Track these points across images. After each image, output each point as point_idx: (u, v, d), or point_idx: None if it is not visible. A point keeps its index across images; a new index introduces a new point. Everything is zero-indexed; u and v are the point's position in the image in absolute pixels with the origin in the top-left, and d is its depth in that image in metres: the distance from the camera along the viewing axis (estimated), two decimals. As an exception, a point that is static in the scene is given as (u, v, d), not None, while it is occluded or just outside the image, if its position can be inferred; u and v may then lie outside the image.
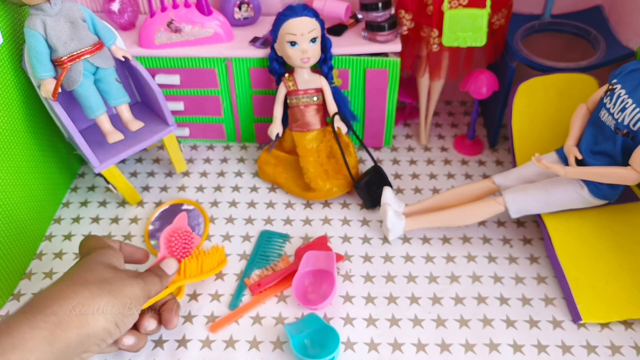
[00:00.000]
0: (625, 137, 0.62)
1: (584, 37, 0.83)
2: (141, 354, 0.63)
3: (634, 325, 0.64)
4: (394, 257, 0.73)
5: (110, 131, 0.74)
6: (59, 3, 0.66)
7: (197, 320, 0.66)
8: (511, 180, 0.73)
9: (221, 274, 0.71)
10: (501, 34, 0.80)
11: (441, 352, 0.62)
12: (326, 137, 0.81)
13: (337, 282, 0.67)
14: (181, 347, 0.64)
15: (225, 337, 0.65)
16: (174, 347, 0.64)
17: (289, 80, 0.78)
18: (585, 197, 0.67)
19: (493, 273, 0.71)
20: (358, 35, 0.81)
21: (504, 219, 0.77)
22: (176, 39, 0.79)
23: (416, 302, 0.68)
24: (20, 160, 0.72)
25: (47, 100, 0.70)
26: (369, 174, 0.80)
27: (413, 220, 0.73)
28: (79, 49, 0.68)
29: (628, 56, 0.77)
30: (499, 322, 0.65)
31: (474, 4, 0.72)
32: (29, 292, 0.70)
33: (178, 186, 0.85)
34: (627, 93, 0.63)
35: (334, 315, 0.66)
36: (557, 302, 0.67)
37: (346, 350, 0.63)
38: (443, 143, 0.91)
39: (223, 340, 0.64)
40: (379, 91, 0.82)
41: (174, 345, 0.64)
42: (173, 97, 0.85)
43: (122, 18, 0.82)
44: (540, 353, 0.62)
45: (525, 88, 0.76)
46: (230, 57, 0.80)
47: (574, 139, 0.69)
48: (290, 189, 0.82)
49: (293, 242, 0.76)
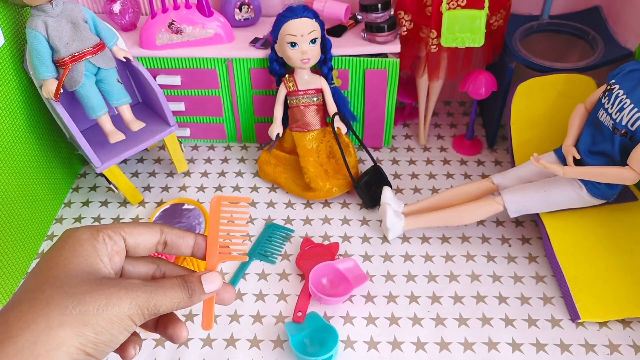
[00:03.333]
0: (623, 136, 0.62)
1: (583, 37, 0.83)
2: (142, 353, 0.63)
3: (632, 324, 0.64)
4: (393, 256, 0.73)
5: (111, 131, 0.74)
6: (60, 4, 0.66)
7: (198, 319, 0.66)
8: (510, 180, 0.73)
9: (221, 271, 0.72)
10: (500, 34, 0.81)
11: (440, 351, 0.63)
12: (326, 137, 0.81)
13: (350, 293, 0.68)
14: (182, 346, 0.64)
15: (226, 335, 0.65)
16: (175, 346, 0.64)
17: (289, 81, 0.79)
18: (584, 197, 0.67)
19: (492, 272, 0.71)
20: (358, 36, 0.81)
21: (503, 219, 0.78)
22: (177, 40, 0.79)
23: (415, 301, 0.68)
24: (22, 160, 0.72)
25: (48, 100, 0.71)
26: (368, 173, 0.80)
27: (412, 220, 0.73)
28: (81, 50, 0.68)
29: (626, 56, 0.77)
30: (498, 320, 0.65)
31: (472, 5, 0.72)
32: (30, 291, 0.71)
33: (179, 186, 0.85)
34: (625, 93, 0.63)
35: (334, 314, 0.67)
36: (556, 301, 0.67)
37: (346, 349, 0.63)
38: (442, 143, 0.91)
39: (224, 339, 0.65)
40: (379, 91, 0.82)
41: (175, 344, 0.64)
42: (174, 98, 0.85)
43: (123, 19, 0.82)
44: (539, 352, 0.62)
45: (524, 88, 0.76)
46: (230, 57, 0.80)
47: (573, 139, 0.69)
48: (291, 189, 0.82)
49: (293, 242, 0.76)
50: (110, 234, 0.38)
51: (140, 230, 0.39)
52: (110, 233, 0.38)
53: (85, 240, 0.37)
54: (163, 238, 0.40)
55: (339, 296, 0.66)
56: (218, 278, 0.40)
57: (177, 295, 0.37)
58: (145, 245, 0.39)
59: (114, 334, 0.34)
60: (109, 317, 0.34)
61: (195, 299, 0.39)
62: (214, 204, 0.41)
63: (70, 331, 0.33)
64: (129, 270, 0.40)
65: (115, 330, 0.34)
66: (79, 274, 0.35)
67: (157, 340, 0.65)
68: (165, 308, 0.37)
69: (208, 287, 0.39)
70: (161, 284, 0.37)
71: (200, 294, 0.39)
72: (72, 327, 0.33)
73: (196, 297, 0.39)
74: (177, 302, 0.37)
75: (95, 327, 0.34)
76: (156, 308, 0.36)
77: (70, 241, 0.37)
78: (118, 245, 0.38)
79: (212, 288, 0.40)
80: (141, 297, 0.35)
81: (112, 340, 0.35)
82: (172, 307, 0.37)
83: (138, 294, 0.35)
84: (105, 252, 0.37)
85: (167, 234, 0.40)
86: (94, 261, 0.36)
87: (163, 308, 0.37)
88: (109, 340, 0.34)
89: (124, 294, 0.35)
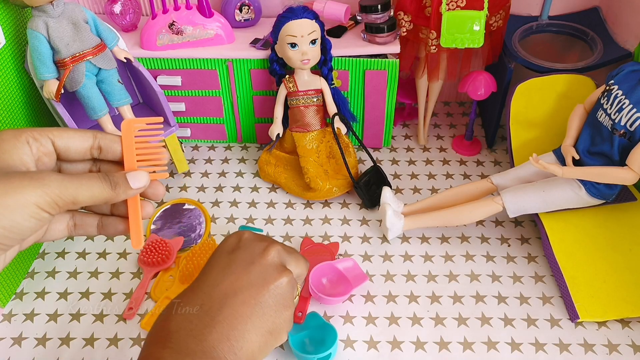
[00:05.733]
0: (622, 137, 0.63)
1: (582, 38, 0.83)
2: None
3: (631, 323, 0.65)
4: (393, 256, 0.74)
5: (112, 132, 0.74)
6: (61, 5, 0.67)
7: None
8: (509, 180, 0.73)
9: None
10: (499, 35, 0.81)
11: (440, 350, 0.63)
12: (326, 138, 0.81)
13: (350, 292, 0.68)
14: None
15: (226, 335, 0.65)
16: (175, 345, 0.64)
17: (289, 82, 0.79)
18: (583, 197, 0.67)
19: (491, 272, 0.71)
20: (357, 37, 0.81)
21: (502, 219, 0.78)
22: (178, 41, 0.80)
23: (415, 300, 0.68)
24: (23, 161, 0.72)
25: (49, 101, 0.71)
26: (368, 174, 0.80)
27: (412, 220, 0.73)
28: (81, 51, 0.69)
29: (625, 57, 0.77)
30: (497, 320, 0.66)
31: (471, 6, 0.73)
32: (31, 291, 0.71)
33: (179, 186, 0.85)
34: (624, 94, 0.63)
35: (334, 314, 0.67)
36: (555, 300, 0.67)
37: (346, 349, 0.64)
38: (441, 143, 0.92)
39: (224, 339, 0.65)
40: (378, 92, 0.83)
41: (176, 343, 0.65)
42: (174, 98, 0.86)
43: (124, 20, 0.82)
44: (538, 351, 0.62)
45: (523, 89, 0.77)
46: (231, 58, 0.81)
47: (572, 139, 0.70)
48: (291, 189, 0.82)
49: (293, 242, 0.76)
50: (35, 136, 0.38)
51: (70, 134, 0.40)
52: (35, 135, 0.39)
53: (4, 140, 0.38)
54: (97, 143, 0.41)
55: (339, 296, 0.67)
56: (145, 175, 0.41)
57: (96, 185, 0.38)
58: (76, 148, 0.40)
59: (16, 220, 0.35)
60: (6, 203, 0.35)
61: (120, 192, 0.39)
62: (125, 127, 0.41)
63: None
64: (67, 169, 0.42)
65: (17, 217, 0.35)
66: None
67: (158, 339, 0.65)
68: (84, 198, 0.37)
69: (134, 182, 0.40)
70: (79, 176, 0.38)
71: (126, 189, 0.40)
72: None
73: (121, 190, 0.39)
74: (98, 193, 0.38)
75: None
76: (72, 197, 0.37)
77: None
78: (45, 147, 0.39)
79: (139, 184, 0.40)
80: (51, 186, 0.36)
81: (15, 226, 0.35)
82: (92, 196, 0.38)
83: (47, 182, 0.36)
84: (28, 152, 0.38)
85: (101, 138, 0.41)
86: (10, 158, 0.37)
87: (81, 197, 0.37)
88: (10, 225, 0.35)
89: (28, 183, 0.35)
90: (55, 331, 0.66)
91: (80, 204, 0.38)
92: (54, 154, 0.40)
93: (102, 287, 0.71)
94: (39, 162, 0.39)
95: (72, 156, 0.40)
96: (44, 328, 0.67)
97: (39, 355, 0.64)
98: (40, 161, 0.39)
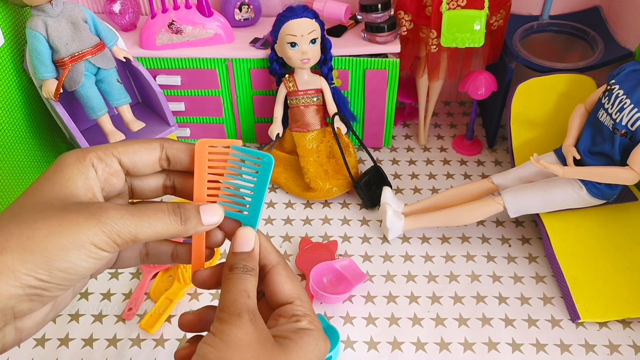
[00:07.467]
0: (623, 137, 0.63)
1: (582, 37, 0.83)
2: (142, 352, 0.63)
3: (632, 324, 0.64)
4: (393, 257, 0.73)
5: (111, 131, 0.74)
6: (60, 4, 0.66)
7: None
8: (510, 180, 0.73)
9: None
10: (500, 34, 0.81)
11: (440, 351, 0.63)
12: (326, 138, 0.81)
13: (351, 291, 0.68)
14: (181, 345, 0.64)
15: (225, 336, 0.65)
16: (175, 345, 0.64)
17: (289, 81, 0.79)
18: (584, 197, 0.67)
19: (492, 272, 0.71)
20: (357, 36, 0.81)
21: (503, 219, 0.78)
22: (177, 40, 0.79)
23: (415, 301, 0.68)
24: (22, 161, 0.72)
25: (48, 100, 0.71)
26: (368, 173, 0.80)
27: (412, 220, 0.73)
28: (81, 50, 0.68)
29: (626, 57, 0.77)
30: (498, 321, 0.66)
31: (472, 5, 0.72)
32: (30, 292, 0.70)
33: (179, 186, 0.85)
34: (625, 93, 0.63)
35: (334, 314, 0.67)
36: (556, 301, 0.67)
37: (346, 349, 0.63)
38: (442, 143, 0.91)
39: (223, 339, 0.65)
40: (379, 92, 0.82)
41: (175, 344, 0.64)
42: (174, 98, 0.85)
43: (123, 19, 0.82)
44: (539, 352, 0.62)
45: (524, 89, 0.77)
46: (230, 58, 0.80)
47: (573, 139, 0.69)
48: (291, 189, 0.82)
49: (293, 242, 0.76)
50: (100, 156, 0.35)
51: (136, 147, 0.36)
52: (100, 155, 0.35)
53: (68, 165, 0.34)
54: (164, 154, 0.37)
55: (340, 294, 0.66)
56: (220, 210, 0.36)
57: (162, 221, 0.34)
58: (144, 162, 0.37)
59: (72, 260, 0.32)
60: (61, 243, 0.32)
61: (190, 227, 0.35)
62: (199, 148, 0.37)
63: (14, 257, 0.31)
64: (139, 186, 0.38)
65: (74, 257, 0.32)
66: (49, 200, 0.33)
67: (157, 340, 0.65)
68: (145, 235, 0.34)
69: (207, 218, 0.36)
70: (144, 209, 0.34)
71: (196, 225, 0.35)
72: (16, 253, 0.31)
73: (191, 226, 0.35)
74: (162, 229, 0.34)
75: (43, 253, 0.31)
76: (132, 235, 0.33)
77: (53, 167, 0.35)
78: (111, 167, 0.36)
79: (212, 220, 0.36)
80: (109, 224, 0.32)
81: (71, 267, 0.32)
82: (155, 234, 0.34)
83: (104, 220, 0.32)
84: (94, 175, 0.35)
85: (168, 148, 0.37)
86: (74, 185, 0.34)
87: (142, 235, 0.33)
88: (66, 267, 0.32)
89: (84, 220, 0.32)
90: (54, 331, 0.66)
91: (142, 241, 0.34)
92: (121, 172, 0.36)
93: (101, 288, 0.71)
94: (107, 183, 0.36)
95: (141, 171, 0.37)
96: (42, 328, 0.66)
97: (38, 356, 0.64)
98: (108, 182, 0.36)
